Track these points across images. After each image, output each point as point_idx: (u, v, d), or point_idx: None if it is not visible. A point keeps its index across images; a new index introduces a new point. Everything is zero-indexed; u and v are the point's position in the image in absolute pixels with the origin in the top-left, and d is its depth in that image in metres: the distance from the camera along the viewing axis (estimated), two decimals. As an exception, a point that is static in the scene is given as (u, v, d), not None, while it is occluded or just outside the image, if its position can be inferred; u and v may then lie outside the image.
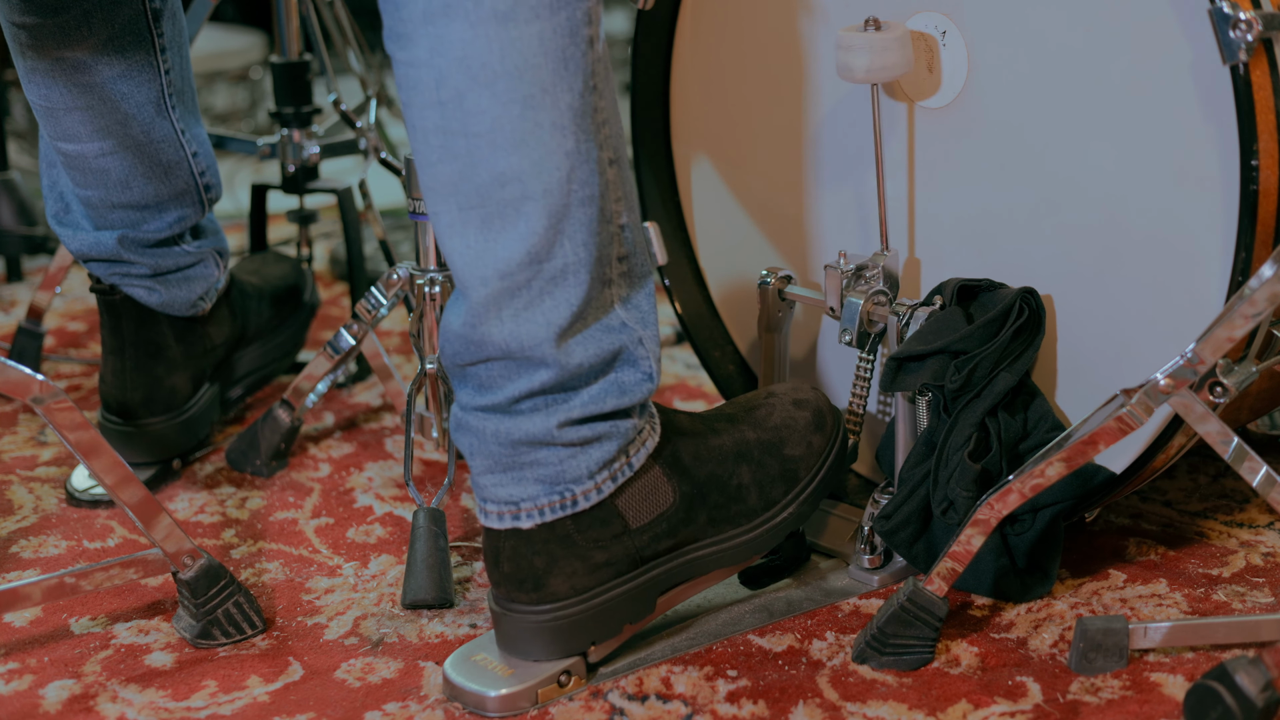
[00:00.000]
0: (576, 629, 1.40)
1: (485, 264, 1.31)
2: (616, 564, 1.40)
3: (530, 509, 1.37)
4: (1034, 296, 1.54)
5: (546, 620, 1.39)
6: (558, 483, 1.37)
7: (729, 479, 1.46)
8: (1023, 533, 1.53)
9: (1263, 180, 1.39)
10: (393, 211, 2.67)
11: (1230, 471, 1.52)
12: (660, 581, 1.44)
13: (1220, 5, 1.37)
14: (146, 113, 1.73)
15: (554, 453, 1.36)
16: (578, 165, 1.31)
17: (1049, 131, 1.53)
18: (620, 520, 1.40)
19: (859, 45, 1.52)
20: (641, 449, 1.40)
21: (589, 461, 1.37)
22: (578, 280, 1.33)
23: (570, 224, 1.31)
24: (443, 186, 1.31)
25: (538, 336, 1.33)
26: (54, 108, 1.71)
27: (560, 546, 1.38)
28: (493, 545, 1.40)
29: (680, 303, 1.84)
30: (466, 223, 1.31)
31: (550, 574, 1.38)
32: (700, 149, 1.81)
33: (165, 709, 1.42)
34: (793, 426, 1.50)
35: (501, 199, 1.30)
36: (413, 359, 2.20)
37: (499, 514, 1.38)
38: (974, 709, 1.38)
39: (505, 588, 1.40)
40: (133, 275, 1.78)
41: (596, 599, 1.40)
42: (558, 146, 1.30)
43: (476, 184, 1.30)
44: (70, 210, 1.79)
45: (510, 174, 1.29)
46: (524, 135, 1.29)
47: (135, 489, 1.44)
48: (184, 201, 1.80)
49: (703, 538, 1.45)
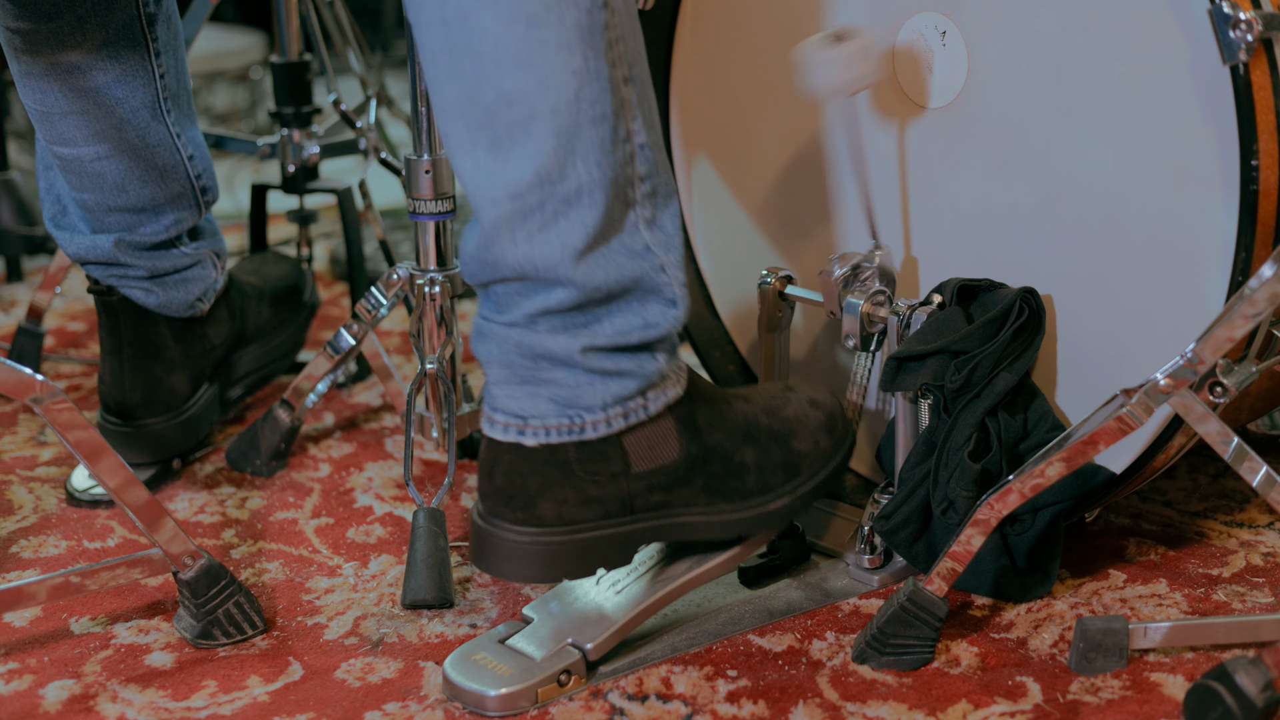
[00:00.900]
0: (552, 559, 1.39)
1: (495, 185, 1.31)
2: (607, 503, 1.39)
3: (537, 426, 1.37)
4: (1034, 296, 1.54)
5: (527, 542, 1.38)
6: (570, 406, 1.36)
7: (732, 453, 1.45)
8: (1023, 533, 1.53)
9: (1263, 180, 1.39)
10: (393, 211, 2.67)
11: (1230, 471, 1.53)
12: (643, 536, 1.43)
13: (1220, 5, 1.37)
14: (142, 117, 1.73)
15: (573, 375, 1.36)
16: (586, 83, 1.29)
17: (1049, 131, 1.53)
18: (622, 459, 1.39)
19: (824, 60, 1.48)
20: (661, 397, 1.40)
21: (605, 393, 1.37)
22: (593, 201, 1.31)
23: (581, 143, 1.30)
24: (451, 107, 1.31)
25: (552, 259, 1.32)
26: (49, 112, 1.71)
27: (557, 471, 1.37)
28: (491, 456, 1.39)
29: (688, 300, 1.84)
30: (475, 143, 1.30)
31: (541, 496, 1.37)
32: (700, 149, 1.81)
33: (165, 709, 1.42)
34: (804, 422, 1.50)
35: (509, 119, 1.29)
36: (413, 359, 2.20)
37: (505, 425, 1.38)
38: (974, 709, 1.38)
39: (493, 501, 1.39)
40: (130, 277, 1.78)
41: (580, 534, 1.39)
42: (564, 65, 1.28)
43: (483, 104, 1.29)
44: (67, 213, 1.79)
45: (516, 93, 1.28)
46: (528, 54, 1.27)
47: (136, 489, 1.44)
48: (180, 204, 1.80)
49: (694, 504, 1.45)
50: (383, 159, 2.20)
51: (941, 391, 1.53)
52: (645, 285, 1.36)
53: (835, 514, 1.67)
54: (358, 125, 2.21)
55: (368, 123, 2.23)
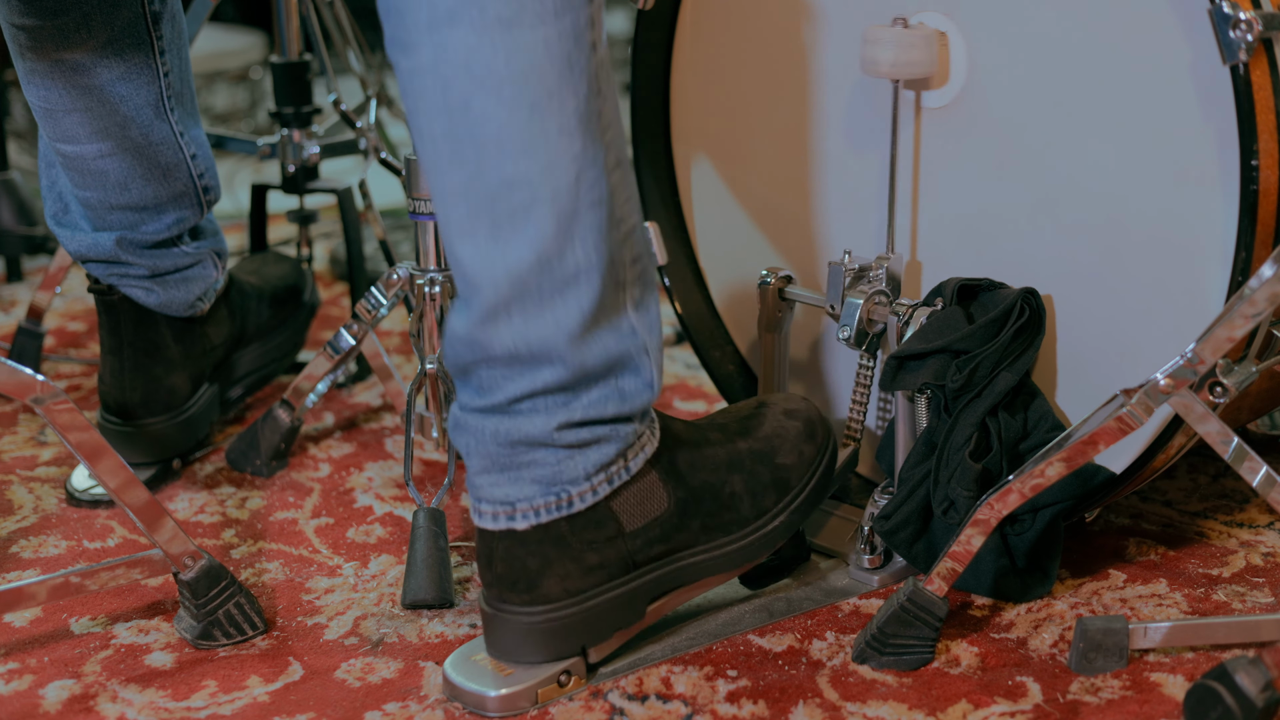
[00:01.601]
0: (567, 631, 1.40)
1: (496, 267, 1.31)
2: (609, 567, 1.40)
3: (525, 509, 1.37)
4: (1035, 296, 1.54)
5: (538, 622, 1.39)
6: (554, 483, 1.37)
7: (722, 487, 1.46)
8: (1023, 533, 1.53)
9: (1263, 180, 1.39)
10: (393, 211, 2.67)
11: (1230, 471, 1.53)
12: (652, 587, 1.44)
13: (1220, 5, 1.37)
14: (145, 115, 1.73)
15: (552, 454, 1.36)
16: (585, 168, 1.30)
17: (1049, 131, 1.53)
18: (615, 523, 1.40)
19: (887, 40, 1.53)
20: (640, 454, 1.40)
21: (586, 463, 1.37)
22: (589, 283, 1.32)
23: (580, 227, 1.31)
24: (452, 192, 1.31)
25: (547, 339, 1.32)
26: (53, 109, 1.71)
27: (554, 547, 1.38)
28: (486, 546, 1.40)
29: (680, 303, 1.84)
30: (476, 227, 1.31)
31: (544, 575, 1.38)
32: (700, 149, 1.81)
33: (165, 709, 1.42)
34: (784, 436, 1.50)
35: (511, 203, 1.29)
36: (413, 359, 2.20)
37: (494, 514, 1.38)
38: (974, 709, 1.38)
39: (498, 589, 1.40)
40: (131, 276, 1.78)
41: (588, 601, 1.40)
42: (565, 150, 1.29)
43: (486, 189, 1.29)
44: (69, 211, 1.79)
45: (519, 178, 1.29)
46: (531, 140, 1.28)
47: (137, 490, 1.44)
48: (182, 203, 1.80)
49: (695, 544, 1.45)
50: (383, 159, 2.20)
51: (942, 391, 1.53)
52: (627, 365, 1.37)
53: (835, 514, 1.67)
54: (358, 125, 2.20)
55: (368, 123, 2.23)
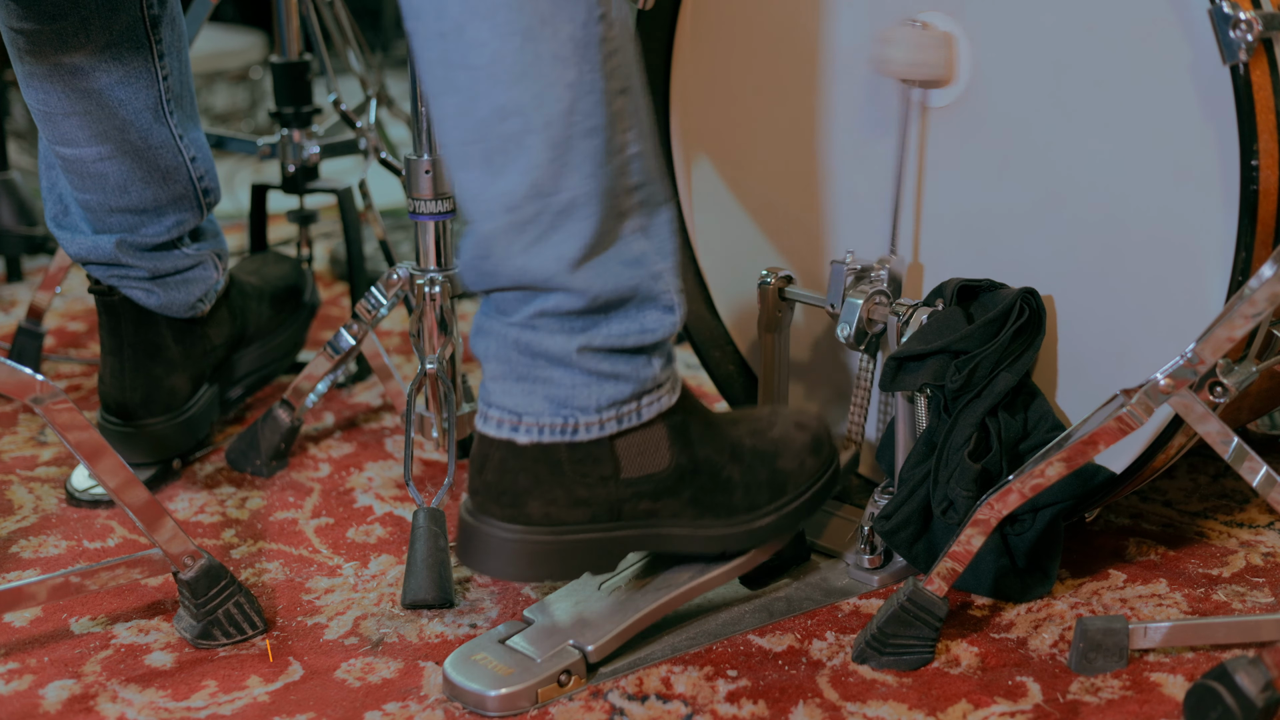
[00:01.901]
0: (538, 559, 1.39)
1: (490, 198, 1.31)
2: (595, 506, 1.40)
3: (531, 424, 1.37)
4: (1034, 297, 1.54)
5: (512, 540, 1.38)
6: (565, 405, 1.37)
7: (720, 469, 1.46)
8: (1023, 533, 1.53)
9: (1263, 180, 1.39)
10: (393, 211, 2.67)
11: (1230, 471, 1.53)
12: (628, 543, 1.43)
13: (1220, 5, 1.37)
14: (145, 118, 1.73)
15: (569, 374, 1.36)
16: (580, 97, 1.29)
17: (1050, 131, 1.53)
18: (613, 463, 1.39)
19: (900, 40, 1.53)
20: (655, 403, 1.40)
21: (600, 395, 1.37)
22: (587, 213, 1.32)
23: (574, 156, 1.30)
24: (446, 119, 1.31)
25: (549, 269, 1.32)
26: (52, 112, 1.71)
27: (548, 470, 1.37)
28: (482, 451, 1.39)
29: (685, 305, 1.84)
30: (470, 156, 1.31)
31: (530, 495, 1.38)
32: (700, 149, 1.81)
33: (165, 709, 1.42)
34: (790, 443, 1.50)
35: (502, 132, 1.29)
36: (413, 359, 2.20)
37: (499, 421, 1.38)
38: (974, 709, 1.38)
39: (482, 497, 1.39)
40: (131, 278, 1.78)
41: (565, 535, 1.39)
42: (558, 78, 1.28)
43: (478, 117, 1.29)
44: (69, 213, 1.79)
45: (511, 107, 1.28)
46: (524, 68, 1.27)
47: (137, 490, 1.44)
48: (182, 206, 1.80)
49: (681, 516, 1.45)
50: (383, 159, 2.20)
51: (942, 391, 1.53)
52: (642, 293, 1.37)
53: (835, 514, 1.67)
54: (358, 125, 2.21)
55: (368, 123, 2.23)
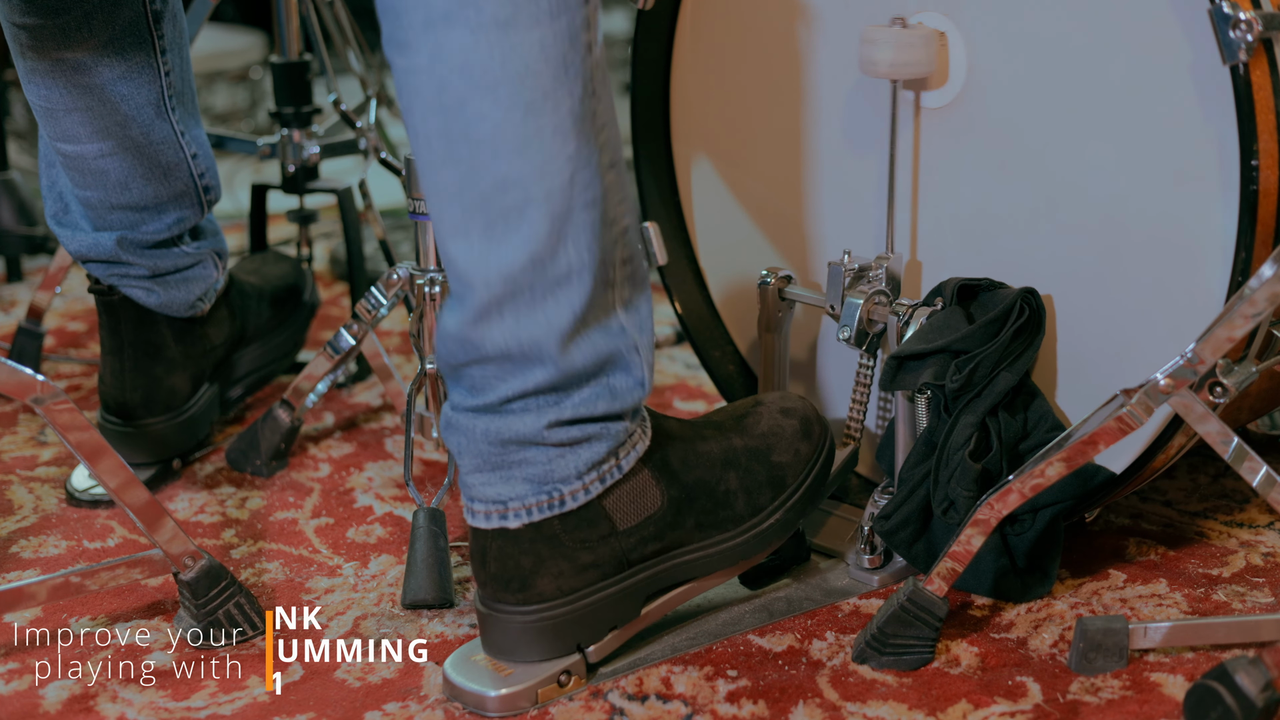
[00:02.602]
0: (562, 630, 1.40)
1: (489, 267, 1.31)
2: (603, 565, 1.40)
3: (518, 508, 1.37)
4: (1034, 296, 1.54)
5: (533, 621, 1.39)
6: (545, 482, 1.37)
7: (716, 484, 1.46)
8: (1023, 533, 1.53)
9: (1263, 180, 1.39)
10: (393, 211, 2.67)
11: (1230, 471, 1.53)
12: (647, 585, 1.44)
13: (1220, 5, 1.37)
14: (146, 114, 1.73)
15: (542, 452, 1.36)
16: (580, 169, 1.31)
17: (1049, 131, 1.53)
18: (608, 521, 1.40)
19: (884, 40, 1.53)
20: (632, 451, 1.40)
21: (578, 462, 1.37)
22: (581, 283, 1.33)
23: (573, 227, 1.31)
24: (445, 191, 1.31)
25: (538, 337, 1.33)
26: (54, 108, 1.71)
27: (547, 546, 1.38)
28: (480, 545, 1.40)
29: (680, 303, 1.84)
30: (469, 227, 1.31)
31: (537, 574, 1.38)
32: (700, 149, 1.81)
33: (165, 709, 1.42)
34: (780, 434, 1.50)
35: (504, 204, 1.30)
36: (413, 359, 2.20)
37: (486, 513, 1.38)
38: (974, 709, 1.38)
39: (492, 588, 1.40)
40: (131, 276, 1.78)
41: (583, 600, 1.40)
42: (559, 151, 1.30)
43: (479, 189, 1.30)
44: (69, 211, 1.79)
45: (513, 179, 1.29)
46: (526, 140, 1.29)
47: (137, 490, 1.44)
48: (183, 203, 1.80)
49: (690, 542, 1.45)
50: (383, 159, 2.20)
51: (942, 391, 1.53)
52: (618, 363, 1.38)
53: (835, 514, 1.67)
54: (358, 125, 2.20)
55: (368, 123, 2.23)
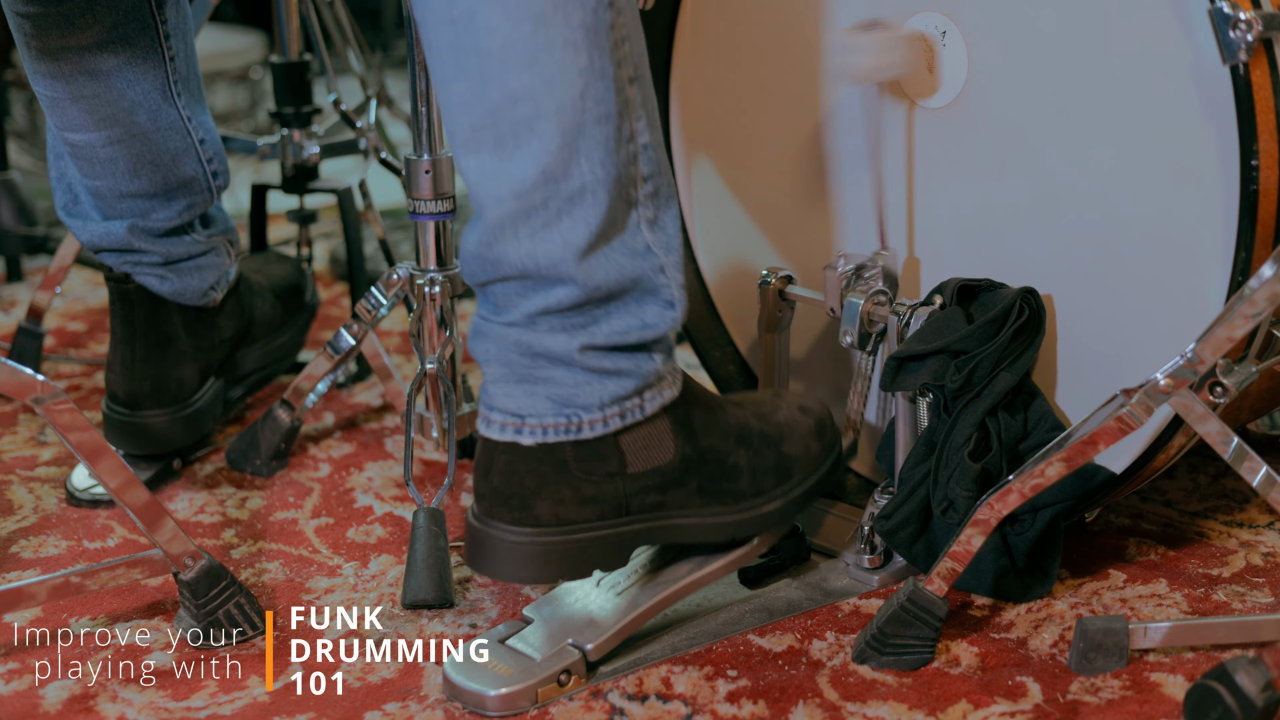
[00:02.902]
0: (549, 560, 1.39)
1: (500, 183, 1.31)
2: (603, 503, 1.40)
3: (535, 425, 1.37)
4: (1034, 296, 1.54)
5: (523, 543, 1.38)
6: (568, 405, 1.37)
7: (726, 456, 1.46)
8: (1023, 533, 1.53)
9: (1263, 180, 1.39)
10: (393, 211, 2.67)
11: (1230, 471, 1.53)
12: (638, 537, 1.43)
13: (1220, 5, 1.37)
14: (152, 100, 1.73)
15: (571, 374, 1.36)
16: (592, 82, 1.30)
17: (1049, 131, 1.53)
18: (619, 459, 1.39)
19: (859, 45, 1.53)
20: (658, 397, 1.40)
21: (603, 392, 1.37)
22: (596, 200, 1.32)
23: (586, 142, 1.30)
24: (457, 105, 1.31)
25: (555, 256, 1.32)
26: (59, 97, 1.71)
27: (554, 470, 1.37)
28: (487, 456, 1.39)
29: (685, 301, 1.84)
30: (480, 141, 1.31)
31: (538, 496, 1.38)
32: (700, 149, 1.81)
33: (165, 709, 1.42)
34: (795, 428, 1.50)
35: (514, 117, 1.29)
36: (413, 359, 2.20)
37: (502, 424, 1.38)
38: (974, 709, 1.38)
39: (489, 501, 1.39)
40: (145, 264, 1.78)
41: (575, 534, 1.39)
42: (570, 64, 1.29)
43: (489, 102, 1.29)
44: (79, 201, 1.79)
45: (522, 92, 1.29)
46: (535, 53, 1.28)
47: (137, 490, 1.44)
48: (192, 189, 1.80)
49: (688, 506, 1.45)
50: (383, 159, 2.20)
51: (942, 391, 1.53)
52: (644, 285, 1.37)
53: (835, 514, 1.67)
54: (358, 125, 2.20)
55: (368, 123, 2.23)
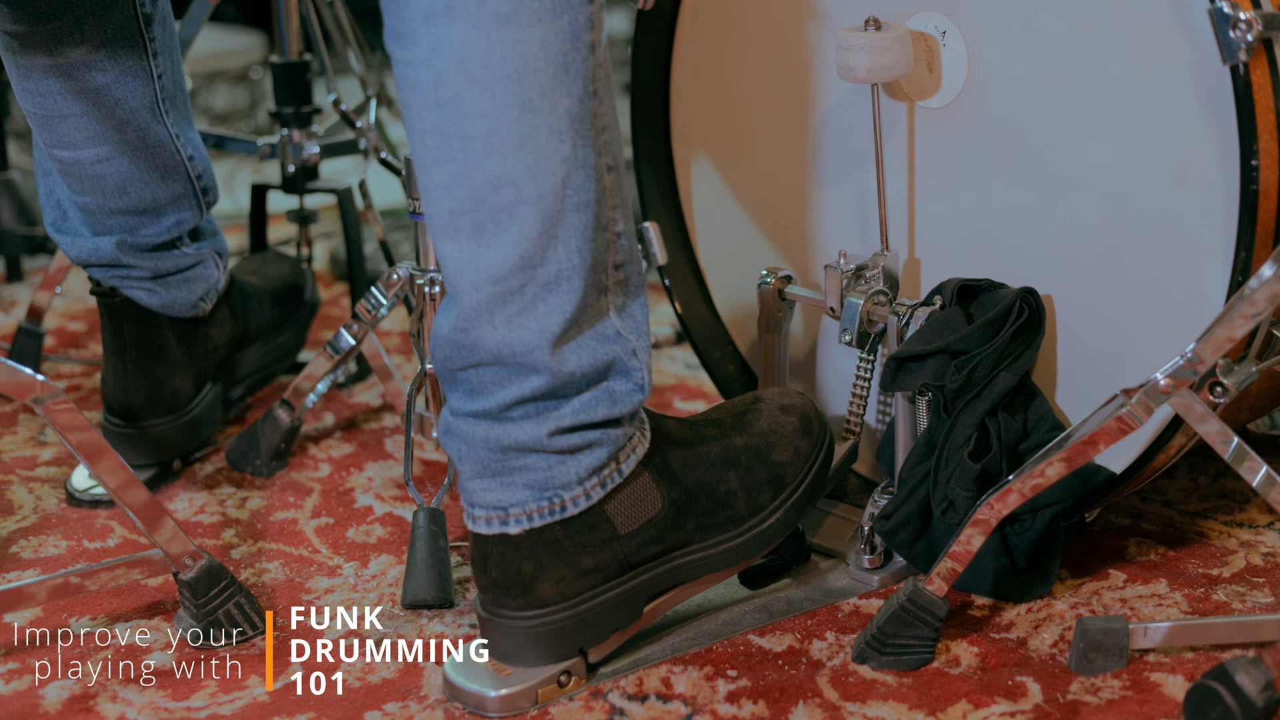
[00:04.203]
0: (564, 635, 1.40)
1: (477, 268, 1.31)
2: (605, 570, 1.40)
3: (519, 514, 1.37)
4: (1034, 296, 1.54)
5: (534, 626, 1.39)
6: (546, 488, 1.37)
7: (717, 485, 1.46)
8: (1023, 533, 1.53)
9: (1263, 180, 1.39)
10: (393, 211, 2.67)
11: (1230, 471, 1.53)
12: (648, 587, 1.44)
13: (1220, 5, 1.37)
14: (141, 117, 1.73)
15: (543, 459, 1.36)
16: (574, 171, 1.30)
17: (1049, 131, 1.53)
18: (609, 526, 1.40)
19: (859, 45, 1.53)
20: (631, 455, 1.40)
21: (578, 468, 1.37)
22: (571, 287, 1.32)
23: (564, 229, 1.31)
24: (437, 188, 1.31)
25: (530, 343, 1.32)
26: (49, 115, 1.70)
27: (548, 552, 1.38)
28: (480, 551, 1.39)
29: (680, 303, 1.84)
30: (459, 226, 1.31)
31: (538, 579, 1.38)
32: (700, 149, 1.81)
33: (165, 709, 1.42)
34: (779, 432, 1.50)
35: (495, 203, 1.29)
36: (413, 359, 2.20)
37: (487, 519, 1.38)
38: (974, 709, 1.38)
39: (493, 593, 1.39)
40: (133, 278, 1.78)
41: (584, 604, 1.40)
42: (554, 151, 1.29)
43: (471, 187, 1.29)
44: (68, 217, 1.79)
45: (505, 178, 1.29)
46: (521, 139, 1.28)
47: (137, 490, 1.44)
48: (181, 205, 1.80)
49: (691, 543, 1.45)
50: (383, 159, 2.20)
51: (941, 391, 1.53)
52: (616, 369, 1.37)
53: (834, 514, 1.67)
54: (358, 125, 2.20)
55: (368, 123, 2.23)
